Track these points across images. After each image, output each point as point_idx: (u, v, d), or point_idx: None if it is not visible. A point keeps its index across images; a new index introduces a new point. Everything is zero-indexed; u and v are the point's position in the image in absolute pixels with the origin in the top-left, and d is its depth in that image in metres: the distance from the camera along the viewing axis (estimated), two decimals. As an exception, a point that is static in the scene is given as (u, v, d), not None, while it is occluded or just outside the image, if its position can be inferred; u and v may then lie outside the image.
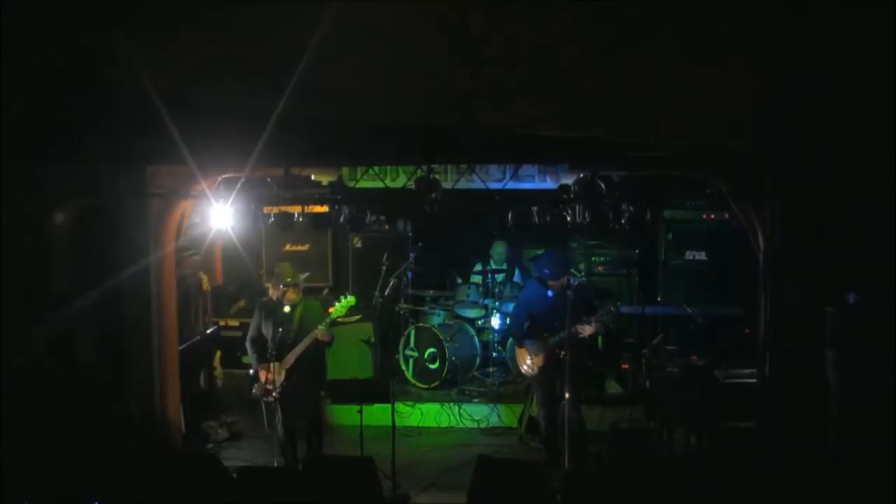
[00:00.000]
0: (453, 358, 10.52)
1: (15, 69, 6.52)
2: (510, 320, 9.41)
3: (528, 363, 8.42)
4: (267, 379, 8.06)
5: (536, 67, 6.31)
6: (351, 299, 8.43)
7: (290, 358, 8.12)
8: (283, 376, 8.12)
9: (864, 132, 6.34)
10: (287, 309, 8.21)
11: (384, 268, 11.15)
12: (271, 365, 8.05)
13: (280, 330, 8.12)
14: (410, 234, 11.88)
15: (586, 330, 7.99)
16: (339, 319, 8.52)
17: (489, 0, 5.79)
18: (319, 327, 8.09)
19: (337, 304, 8.33)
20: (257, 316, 8.41)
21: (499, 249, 11.46)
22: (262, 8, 6.28)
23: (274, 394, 8.09)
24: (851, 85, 6.11)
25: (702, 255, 10.68)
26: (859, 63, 5.95)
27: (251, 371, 8.37)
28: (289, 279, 8.22)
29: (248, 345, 8.38)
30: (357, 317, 10.52)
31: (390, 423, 7.97)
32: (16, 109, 6.68)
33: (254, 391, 8.29)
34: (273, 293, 8.34)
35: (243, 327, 11.04)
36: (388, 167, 9.74)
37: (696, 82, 6.41)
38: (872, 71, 5.99)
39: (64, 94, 6.86)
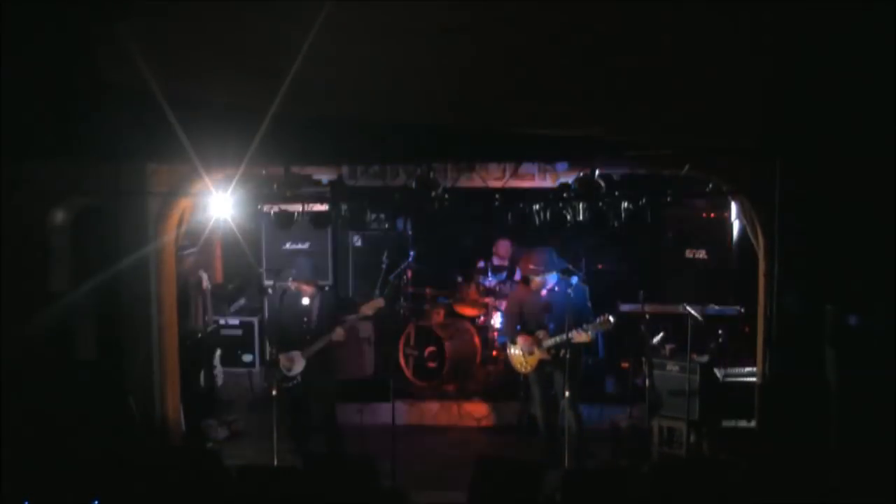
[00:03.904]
0: (453, 356, 10.52)
1: (14, 68, 6.51)
2: (503, 319, 9.45)
3: (520, 362, 8.45)
4: (286, 366, 8.36)
5: (536, 67, 6.30)
6: (379, 301, 8.68)
7: (311, 350, 8.35)
8: (302, 365, 8.35)
9: (864, 132, 6.34)
10: (306, 301, 8.46)
11: (384, 266, 11.14)
12: (291, 353, 8.36)
13: (304, 321, 8.42)
14: (410, 232, 11.87)
15: (579, 337, 7.99)
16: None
17: (489, 0, 5.77)
18: (339, 329, 8.34)
19: (365, 304, 8.57)
20: (276, 306, 8.71)
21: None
22: (263, 5, 6.27)
23: (293, 381, 8.36)
24: (852, 85, 6.11)
25: (702, 254, 10.68)
26: (860, 63, 5.95)
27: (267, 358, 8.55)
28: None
29: (266, 334, 8.56)
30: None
31: (390, 422, 7.97)
32: (16, 108, 6.67)
33: (273, 378, 8.49)
34: (292, 285, 8.58)
35: (243, 326, 11.07)
36: (388, 165, 9.73)
37: (697, 82, 6.40)
38: (873, 71, 5.98)
39: (63, 93, 6.86)
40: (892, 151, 6.19)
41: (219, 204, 8.35)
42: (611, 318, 8.07)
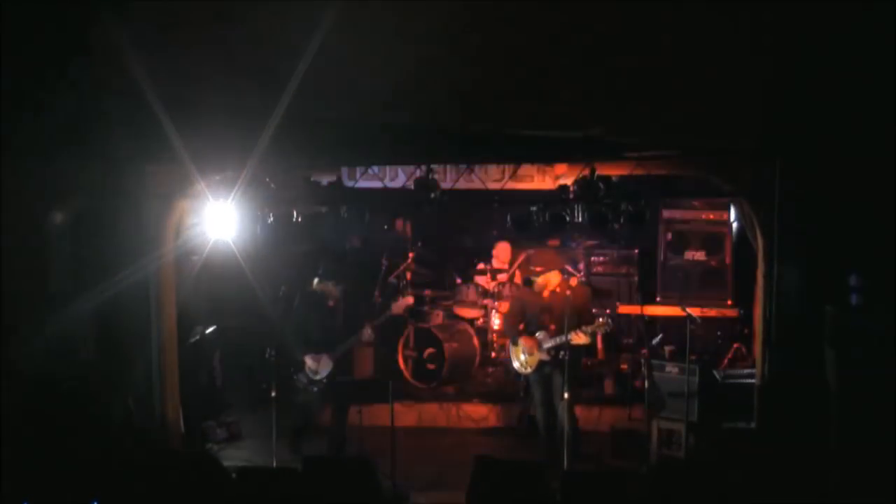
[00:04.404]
0: (452, 358, 10.50)
1: (14, 69, 6.51)
2: (505, 320, 9.47)
3: (521, 362, 8.47)
4: (312, 368, 8.42)
5: (536, 67, 6.31)
6: (409, 299, 8.81)
7: (340, 351, 8.46)
8: (329, 367, 8.42)
9: (863, 132, 6.35)
10: (331, 303, 8.52)
11: (383, 268, 11.14)
12: (319, 355, 8.42)
13: (326, 323, 8.49)
14: (410, 233, 11.86)
15: (577, 338, 8.00)
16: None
17: (489, 0, 5.79)
18: (367, 329, 8.46)
19: (395, 302, 8.67)
20: (299, 307, 8.69)
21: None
22: (263, 7, 6.28)
23: (320, 384, 8.45)
24: (851, 85, 6.12)
25: (701, 255, 10.68)
26: (859, 63, 5.96)
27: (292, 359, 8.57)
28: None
29: (291, 335, 8.58)
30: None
31: (389, 423, 7.96)
32: (16, 109, 6.67)
33: (297, 379, 8.54)
34: (317, 287, 8.61)
35: (242, 327, 11.02)
36: (387, 167, 9.74)
37: (697, 82, 6.42)
38: (872, 71, 5.99)
39: (63, 94, 6.86)
40: (892, 151, 6.20)
41: (218, 224, 8.39)
42: (609, 321, 8.08)
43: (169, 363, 8.59)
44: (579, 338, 7.99)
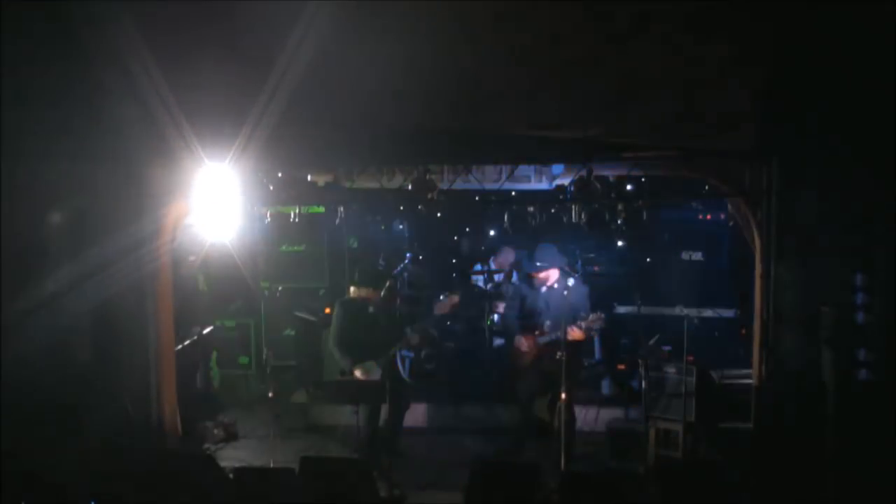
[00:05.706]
0: (450, 358, 10.50)
1: (14, 68, 6.51)
2: (506, 313, 9.54)
3: (518, 356, 8.53)
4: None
5: (536, 67, 6.31)
6: (455, 298, 8.79)
7: (388, 357, 8.42)
8: (379, 374, 8.32)
9: (861, 133, 6.36)
10: (371, 309, 8.46)
11: (381, 268, 11.13)
12: (366, 364, 8.31)
13: (370, 330, 8.41)
14: (407, 234, 11.86)
15: (574, 333, 8.04)
16: None
17: (489, 0, 5.79)
18: (417, 335, 8.53)
19: (439, 303, 8.71)
20: (341, 317, 8.51)
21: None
22: (262, 7, 6.28)
23: None
24: (849, 85, 6.13)
25: (698, 256, 10.68)
26: (857, 63, 5.97)
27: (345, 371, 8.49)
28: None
29: (335, 347, 8.47)
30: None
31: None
32: (15, 109, 6.67)
33: None
34: (355, 294, 8.54)
35: (240, 328, 11.02)
36: (385, 167, 9.72)
37: (695, 82, 6.42)
38: (870, 71, 6.00)
39: (63, 94, 6.86)
40: (889, 150, 6.20)
41: (216, 222, 8.38)
42: (603, 316, 8.13)
43: (166, 364, 8.57)
44: (574, 333, 8.04)
